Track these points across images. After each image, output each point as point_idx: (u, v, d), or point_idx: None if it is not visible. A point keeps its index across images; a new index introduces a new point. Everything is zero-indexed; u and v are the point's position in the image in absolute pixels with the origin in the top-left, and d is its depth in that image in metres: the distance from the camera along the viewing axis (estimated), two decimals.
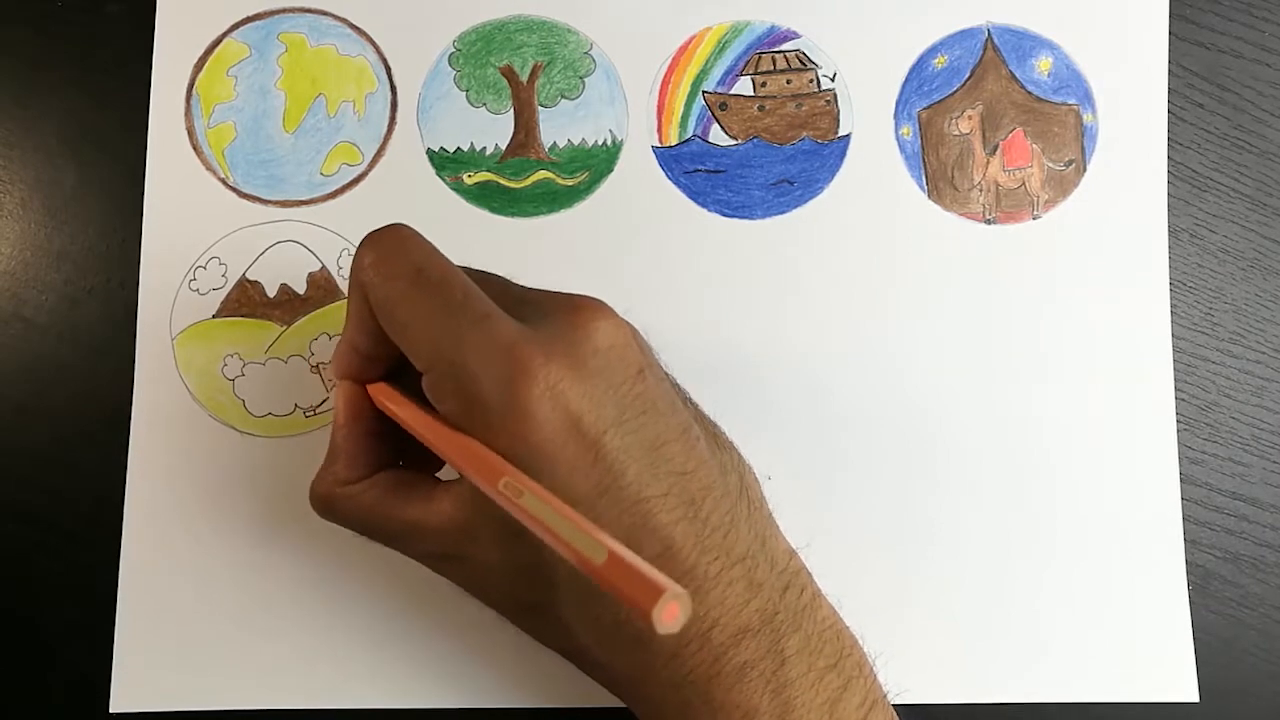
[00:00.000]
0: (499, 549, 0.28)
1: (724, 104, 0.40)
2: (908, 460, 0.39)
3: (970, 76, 0.41)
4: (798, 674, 0.27)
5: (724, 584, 0.27)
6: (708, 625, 0.27)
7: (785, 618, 0.28)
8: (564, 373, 0.26)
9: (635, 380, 0.27)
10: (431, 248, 0.29)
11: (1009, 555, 0.38)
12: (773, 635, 0.27)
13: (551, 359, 0.26)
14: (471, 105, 0.40)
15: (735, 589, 0.27)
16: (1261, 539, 0.40)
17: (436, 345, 0.27)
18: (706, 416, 0.31)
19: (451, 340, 0.26)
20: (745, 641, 0.27)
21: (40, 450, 0.38)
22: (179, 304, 0.38)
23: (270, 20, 0.40)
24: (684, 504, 0.27)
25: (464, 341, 0.26)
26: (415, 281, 0.27)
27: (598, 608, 0.27)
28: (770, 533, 0.30)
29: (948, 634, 0.38)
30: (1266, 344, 0.40)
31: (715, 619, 0.27)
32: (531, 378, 0.25)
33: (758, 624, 0.27)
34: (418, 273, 0.27)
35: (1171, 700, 0.38)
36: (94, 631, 0.37)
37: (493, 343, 0.26)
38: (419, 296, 0.27)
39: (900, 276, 0.40)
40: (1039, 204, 0.40)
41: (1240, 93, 0.41)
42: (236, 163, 0.39)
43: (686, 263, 0.39)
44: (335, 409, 0.31)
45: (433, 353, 0.27)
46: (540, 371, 0.25)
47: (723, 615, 0.27)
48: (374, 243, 0.28)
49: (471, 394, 0.26)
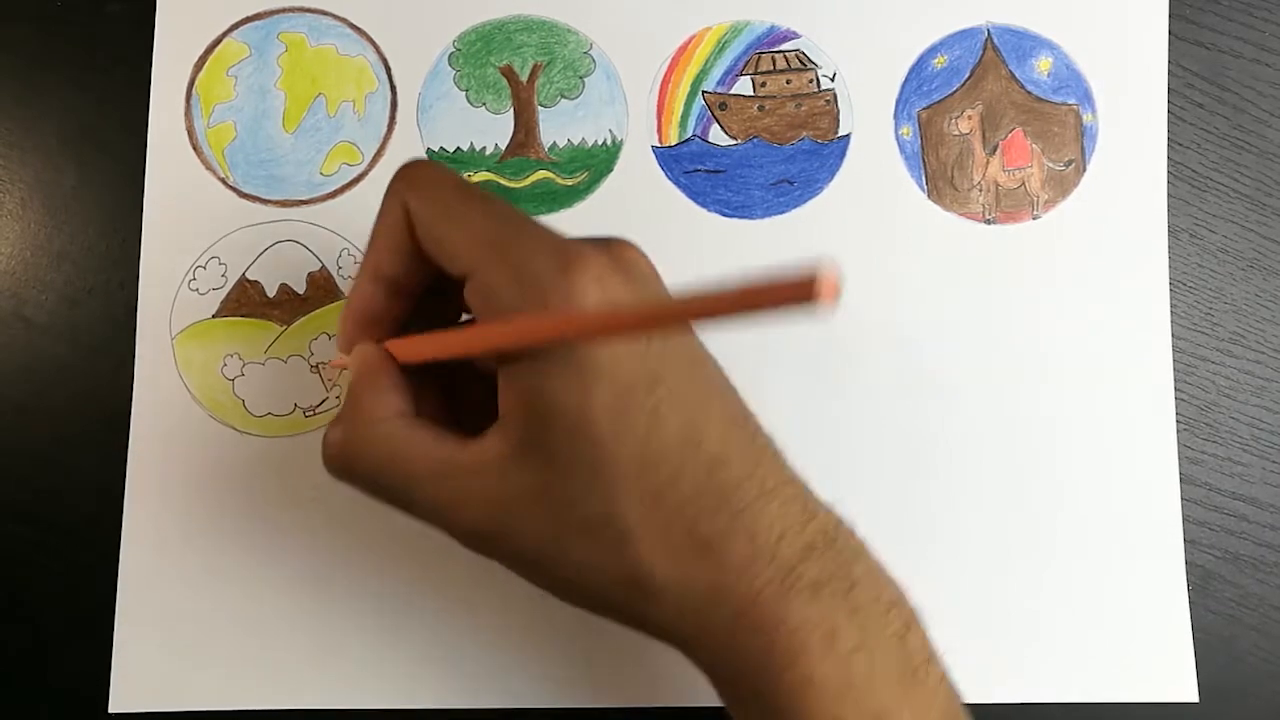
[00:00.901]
0: (552, 469, 0.26)
1: (724, 104, 0.40)
2: (908, 460, 0.39)
3: (970, 76, 0.41)
4: (868, 600, 0.26)
5: (782, 499, 0.26)
6: (775, 536, 0.26)
7: (844, 545, 0.27)
8: (612, 269, 0.26)
9: (670, 296, 0.27)
10: (452, 172, 0.29)
11: (1009, 555, 0.38)
12: (838, 557, 0.26)
13: (600, 256, 0.26)
14: (471, 105, 0.40)
15: (794, 506, 0.26)
16: (1261, 539, 0.40)
17: (489, 242, 0.26)
18: None
19: (506, 234, 0.26)
20: (813, 558, 0.26)
21: (40, 450, 0.38)
22: (179, 304, 0.38)
23: (270, 20, 0.40)
24: (730, 416, 0.27)
25: (520, 233, 0.26)
26: (462, 189, 0.28)
27: (667, 513, 0.26)
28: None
29: (948, 634, 0.38)
30: (1266, 344, 0.40)
31: (781, 531, 0.26)
32: (585, 264, 0.25)
33: (822, 544, 0.26)
34: (462, 183, 0.28)
35: (1171, 700, 0.38)
36: (93, 631, 0.37)
37: (544, 238, 0.26)
38: (469, 200, 0.27)
39: (900, 276, 0.40)
40: (1039, 204, 0.40)
41: (1240, 93, 0.41)
42: (236, 163, 0.39)
43: (686, 263, 0.39)
44: (351, 370, 0.29)
45: (484, 251, 0.26)
46: (592, 261, 0.26)
47: (788, 528, 0.26)
48: (414, 164, 0.29)
49: (527, 277, 0.26)
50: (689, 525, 0.26)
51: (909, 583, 0.38)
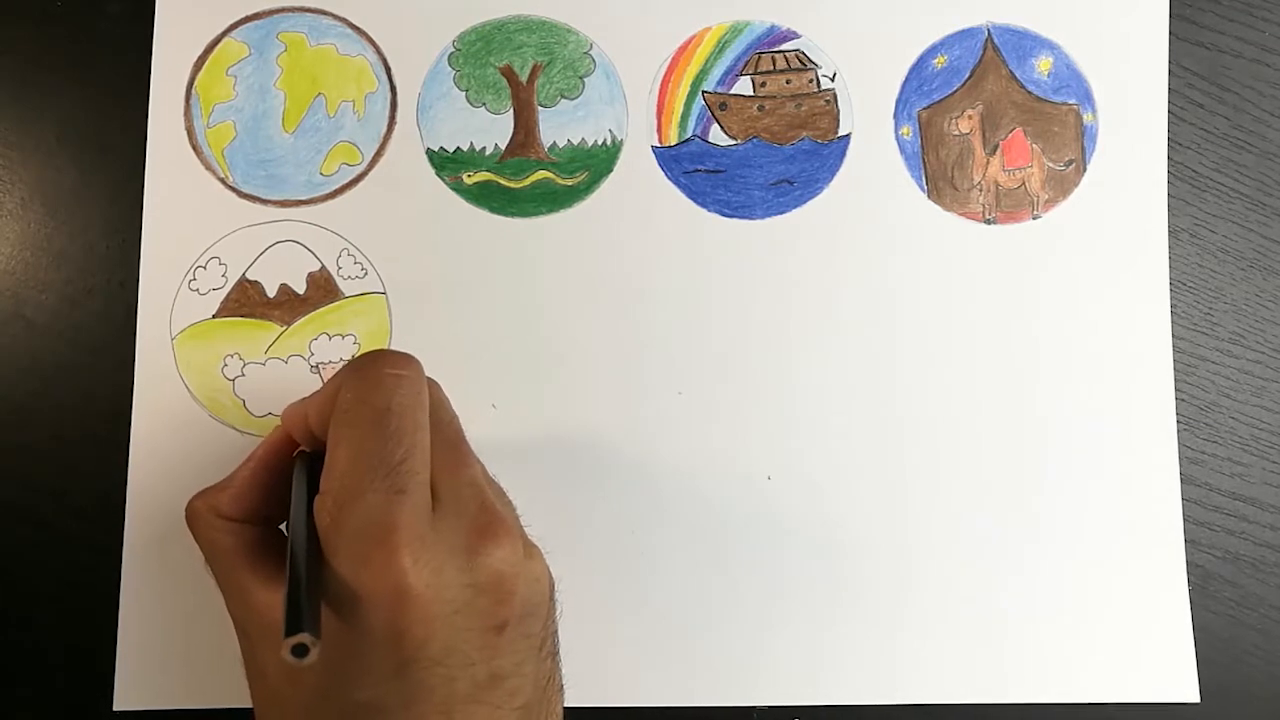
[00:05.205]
0: (277, 661, 0.26)
1: (724, 104, 0.40)
2: (908, 460, 0.39)
3: (970, 76, 0.41)
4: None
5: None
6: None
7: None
8: (425, 581, 0.26)
9: (488, 632, 0.27)
10: (417, 397, 0.28)
11: (1009, 555, 0.38)
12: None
13: (419, 565, 0.26)
14: (471, 105, 0.40)
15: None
16: (1261, 539, 0.40)
17: (346, 482, 0.27)
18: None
19: (355, 491, 0.26)
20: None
21: (40, 450, 0.38)
22: (179, 304, 0.38)
23: (270, 20, 0.40)
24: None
25: (362, 497, 0.26)
26: (376, 420, 0.27)
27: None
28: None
29: (948, 634, 0.38)
30: (1266, 344, 0.40)
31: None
32: (386, 577, 0.25)
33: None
34: (382, 413, 0.27)
35: (1172, 700, 0.38)
36: (95, 631, 0.37)
37: (378, 520, 0.26)
38: (366, 435, 0.27)
39: (900, 276, 0.40)
40: (1039, 204, 0.40)
41: (1240, 93, 0.41)
42: (236, 162, 0.39)
43: (686, 263, 0.39)
44: (260, 443, 0.31)
45: (341, 485, 0.27)
46: (407, 572, 0.25)
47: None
48: (376, 362, 0.29)
49: (333, 545, 0.26)
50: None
51: (908, 584, 0.38)
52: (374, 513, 0.26)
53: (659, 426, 0.39)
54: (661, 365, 0.39)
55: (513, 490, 0.30)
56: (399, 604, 0.25)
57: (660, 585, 0.38)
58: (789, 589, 0.38)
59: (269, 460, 0.31)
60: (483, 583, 0.27)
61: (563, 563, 0.29)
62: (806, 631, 0.38)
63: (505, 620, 0.27)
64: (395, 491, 0.26)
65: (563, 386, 0.39)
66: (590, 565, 0.38)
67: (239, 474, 0.31)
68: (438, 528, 0.27)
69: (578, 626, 0.36)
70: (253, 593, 0.28)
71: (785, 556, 0.38)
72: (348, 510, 0.26)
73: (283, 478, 0.31)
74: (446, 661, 0.26)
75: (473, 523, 0.27)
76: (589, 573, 0.38)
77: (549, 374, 0.39)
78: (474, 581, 0.27)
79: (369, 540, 0.26)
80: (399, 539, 0.25)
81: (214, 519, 0.30)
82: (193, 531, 0.30)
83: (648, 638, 0.38)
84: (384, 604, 0.25)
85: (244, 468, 0.31)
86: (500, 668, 0.27)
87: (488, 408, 0.38)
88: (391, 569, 0.25)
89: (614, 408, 0.39)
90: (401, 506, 0.26)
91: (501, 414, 0.38)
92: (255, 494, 0.31)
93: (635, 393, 0.39)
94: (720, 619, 0.38)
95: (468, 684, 0.26)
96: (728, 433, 0.39)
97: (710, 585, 0.38)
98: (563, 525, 0.38)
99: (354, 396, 0.28)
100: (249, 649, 0.29)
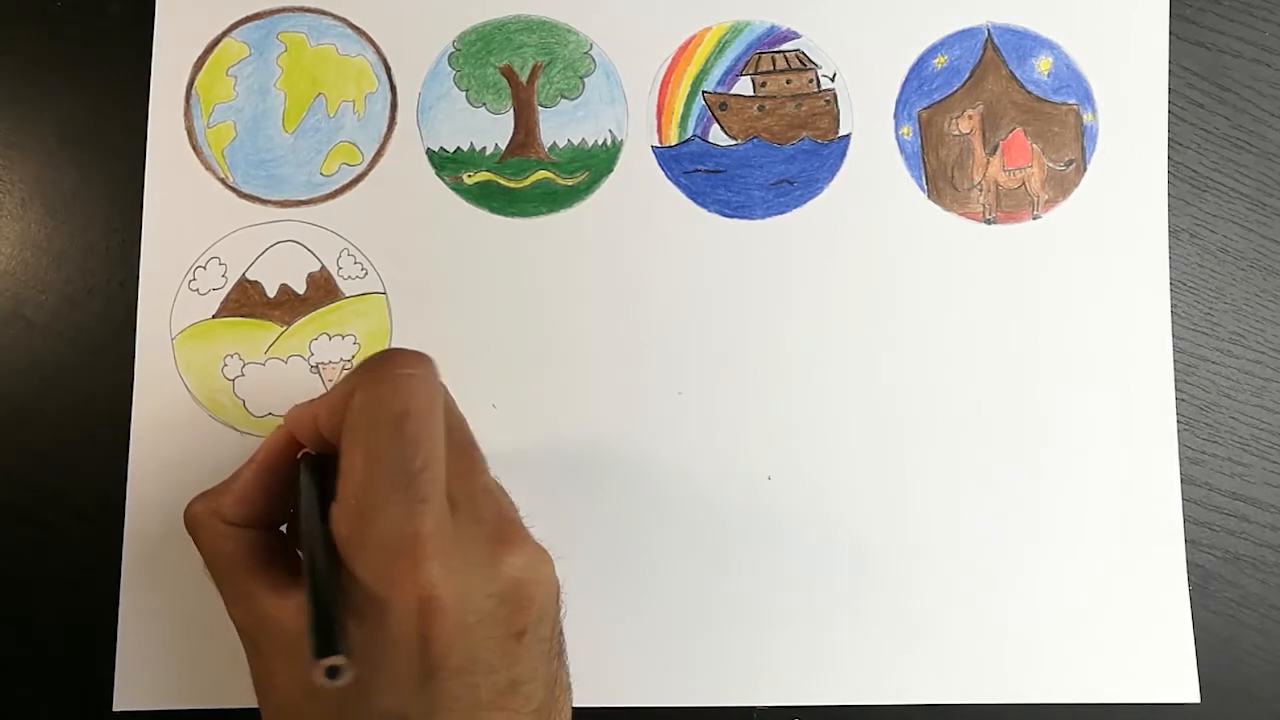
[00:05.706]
0: (291, 672, 0.27)
1: (724, 104, 0.40)
2: (907, 460, 0.39)
3: (970, 76, 0.41)
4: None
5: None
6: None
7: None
8: (452, 592, 0.25)
9: (508, 639, 0.27)
10: (432, 399, 0.28)
11: (1010, 555, 0.38)
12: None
13: (447, 576, 0.25)
14: (471, 105, 0.40)
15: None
16: (1261, 539, 0.40)
17: (365, 491, 0.26)
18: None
19: (376, 499, 0.26)
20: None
21: (40, 450, 0.38)
22: (179, 304, 0.38)
23: (270, 20, 0.40)
24: None
25: (384, 507, 0.26)
26: (394, 425, 0.26)
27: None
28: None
29: (948, 634, 0.38)
30: (1266, 344, 0.40)
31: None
32: (412, 588, 0.25)
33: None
34: (400, 416, 0.27)
35: (1172, 700, 0.38)
36: (96, 631, 0.37)
37: (402, 531, 0.25)
38: (383, 441, 0.26)
39: (900, 276, 0.40)
40: (1039, 204, 0.40)
41: (1240, 93, 0.41)
42: (236, 162, 0.39)
43: (686, 263, 0.39)
44: (261, 445, 0.31)
45: (361, 494, 0.26)
46: (436, 584, 0.25)
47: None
48: (389, 362, 0.28)
49: (355, 555, 0.26)
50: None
51: (908, 584, 0.38)
52: (398, 523, 0.25)
53: (659, 426, 0.39)
54: (661, 365, 0.39)
55: (513, 490, 0.30)
56: (427, 615, 0.25)
57: (660, 585, 0.38)
58: (789, 589, 0.38)
59: (271, 463, 0.31)
60: (504, 592, 0.27)
61: (563, 563, 0.29)
62: (806, 631, 0.38)
63: (524, 627, 0.27)
64: (418, 500, 0.26)
65: (563, 386, 0.39)
66: (590, 565, 0.38)
67: (240, 477, 0.30)
68: (459, 536, 0.26)
69: (578, 627, 0.36)
70: (261, 601, 0.28)
71: (785, 556, 0.38)
72: (370, 520, 0.26)
73: (285, 481, 0.30)
74: (470, 670, 0.26)
75: (492, 531, 0.27)
76: (589, 573, 0.38)
77: (549, 374, 0.39)
78: (496, 591, 0.26)
79: (395, 551, 0.25)
80: (426, 550, 0.25)
81: (217, 524, 0.30)
82: (193, 536, 0.30)
83: (648, 638, 0.38)
84: (411, 615, 0.25)
85: (245, 471, 0.30)
86: (519, 674, 0.27)
87: (488, 408, 0.38)
88: (419, 580, 0.25)
89: (614, 408, 0.39)
90: (425, 516, 0.26)
91: (501, 414, 0.38)
92: (258, 498, 0.30)
93: (635, 393, 0.39)
94: (720, 619, 0.38)
95: (489, 691, 0.26)
96: (728, 433, 0.39)
97: (710, 585, 0.38)
98: (563, 525, 0.38)
99: (369, 399, 0.27)
100: (256, 658, 0.29)
